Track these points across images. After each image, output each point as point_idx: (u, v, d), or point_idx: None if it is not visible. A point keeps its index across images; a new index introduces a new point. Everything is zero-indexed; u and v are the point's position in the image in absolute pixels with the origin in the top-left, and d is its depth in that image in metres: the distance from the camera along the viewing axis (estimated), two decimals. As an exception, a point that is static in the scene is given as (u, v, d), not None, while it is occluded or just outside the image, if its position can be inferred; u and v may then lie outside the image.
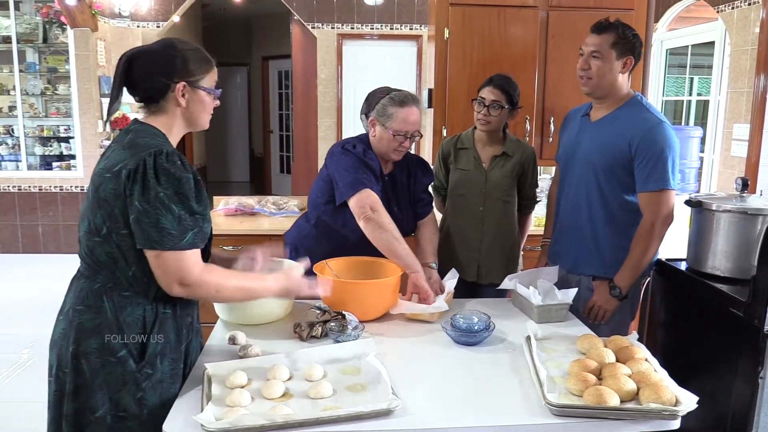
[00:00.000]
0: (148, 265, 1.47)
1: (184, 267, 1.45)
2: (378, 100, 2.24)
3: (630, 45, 2.11)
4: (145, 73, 1.54)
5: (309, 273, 2.03)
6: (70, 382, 1.47)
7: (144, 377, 1.47)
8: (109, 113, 1.61)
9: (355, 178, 2.12)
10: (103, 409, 1.46)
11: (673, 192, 2.09)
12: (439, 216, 2.66)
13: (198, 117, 1.61)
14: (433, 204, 2.51)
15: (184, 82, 1.54)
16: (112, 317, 1.46)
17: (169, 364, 1.52)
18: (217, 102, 1.65)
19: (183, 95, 1.55)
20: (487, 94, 2.40)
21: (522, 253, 2.64)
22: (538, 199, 2.69)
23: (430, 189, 2.50)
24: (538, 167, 3.98)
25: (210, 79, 1.60)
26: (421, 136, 2.26)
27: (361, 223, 2.08)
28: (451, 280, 2.21)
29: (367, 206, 2.07)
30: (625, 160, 2.10)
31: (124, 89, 1.57)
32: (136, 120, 1.58)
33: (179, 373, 1.56)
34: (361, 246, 2.13)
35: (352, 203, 2.10)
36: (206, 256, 1.59)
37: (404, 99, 2.21)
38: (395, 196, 2.32)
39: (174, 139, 1.58)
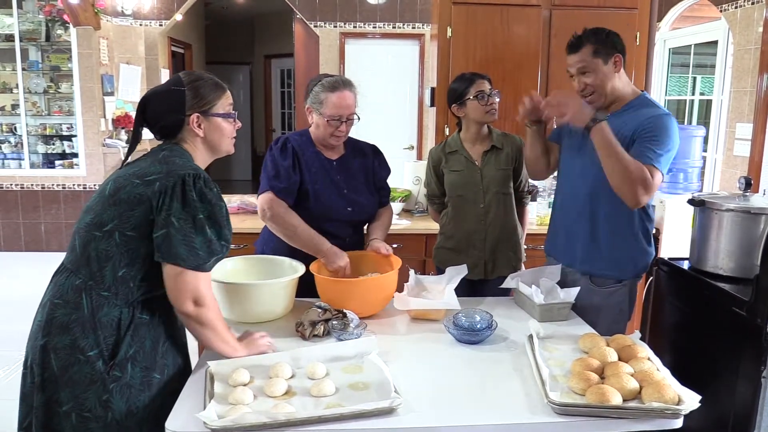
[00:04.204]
0: (140, 270, 1.49)
1: (202, 287, 1.50)
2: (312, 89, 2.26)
3: (610, 44, 2.07)
4: (158, 112, 1.60)
5: (307, 273, 2.05)
6: (38, 375, 1.47)
7: (112, 379, 1.45)
8: (129, 153, 1.68)
9: (265, 179, 2.23)
10: (69, 406, 1.45)
11: (660, 176, 1.99)
12: (434, 226, 2.66)
13: (219, 143, 1.67)
14: (428, 210, 2.51)
15: (197, 114, 1.60)
16: (88, 315, 1.46)
17: (141, 372, 1.50)
18: (239, 124, 1.70)
19: (199, 126, 1.61)
20: (484, 86, 2.43)
21: (525, 248, 2.64)
22: (540, 194, 2.68)
23: (423, 197, 2.50)
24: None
25: (223, 105, 1.65)
26: (359, 119, 2.25)
27: (266, 223, 2.25)
28: (456, 277, 2.16)
29: (264, 209, 2.19)
30: (628, 149, 2.03)
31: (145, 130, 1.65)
32: (166, 142, 1.63)
33: (152, 382, 1.51)
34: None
35: (258, 203, 2.24)
36: None
37: (335, 84, 2.20)
38: (348, 180, 2.32)
39: (200, 166, 1.62)
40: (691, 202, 2.30)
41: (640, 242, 2.14)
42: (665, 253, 2.34)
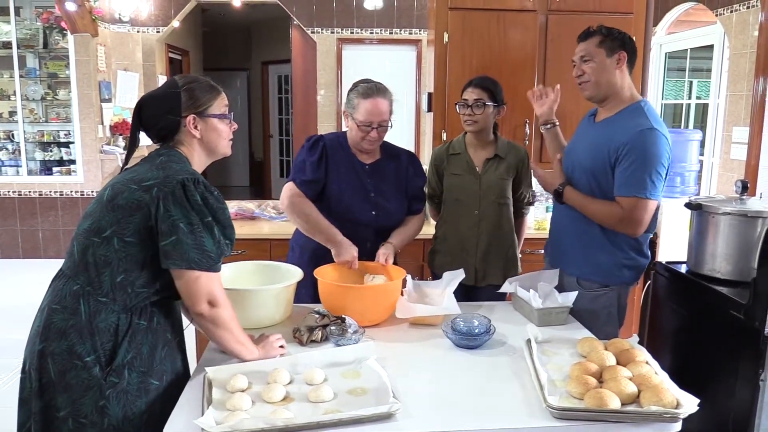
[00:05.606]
0: (138, 276, 1.49)
1: (216, 288, 1.52)
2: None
3: (618, 40, 2.10)
4: (155, 115, 1.61)
5: (310, 278, 2.07)
6: (36, 380, 1.48)
7: (108, 385, 1.46)
8: (127, 158, 1.69)
9: (292, 171, 2.32)
10: (66, 411, 1.46)
11: (650, 202, 1.99)
12: (432, 231, 2.66)
13: (216, 145, 1.68)
14: (426, 210, 2.52)
15: (193, 115, 1.61)
16: (85, 321, 1.46)
17: (138, 377, 1.50)
18: (235, 126, 1.72)
19: (195, 127, 1.62)
20: (469, 94, 2.43)
21: (520, 256, 2.64)
22: (537, 198, 2.68)
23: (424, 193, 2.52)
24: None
25: (218, 106, 1.66)
26: (391, 126, 2.27)
27: (285, 212, 2.31)
28: (454, 281, 2.16)
29: (284, 197, 2.28)
30: (613, 164, 2.04)
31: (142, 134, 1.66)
32: (164, 146, 1.64)
33: (149, 388, 1.52)
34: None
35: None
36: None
37: (368, 90, 2.22)
38: (377, 184, 2.33)
39: (197, 170, 1.63)
40: (688, 205, 2.31)
41: (626, 251, 2.13)
42: (663, 256, 2.34)
